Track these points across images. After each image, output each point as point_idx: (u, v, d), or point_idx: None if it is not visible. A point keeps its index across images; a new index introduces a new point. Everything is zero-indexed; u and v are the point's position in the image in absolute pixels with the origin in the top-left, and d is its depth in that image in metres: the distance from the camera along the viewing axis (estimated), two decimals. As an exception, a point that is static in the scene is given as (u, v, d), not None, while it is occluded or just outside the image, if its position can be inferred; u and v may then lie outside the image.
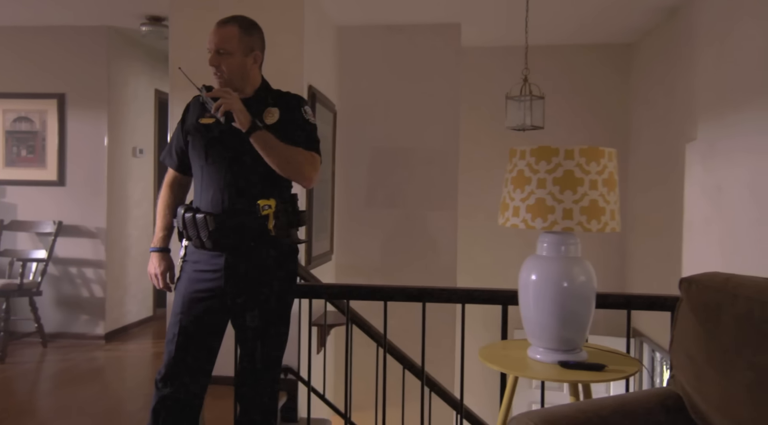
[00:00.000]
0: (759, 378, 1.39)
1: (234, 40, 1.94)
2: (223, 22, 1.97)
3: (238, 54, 1.95)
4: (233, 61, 1.94)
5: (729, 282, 1.54)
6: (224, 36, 1.93)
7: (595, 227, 1.71)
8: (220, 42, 1.93)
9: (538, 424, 1.38)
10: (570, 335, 1.81)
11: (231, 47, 1.93)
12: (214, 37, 1.94)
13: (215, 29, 1.96)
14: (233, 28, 1.95)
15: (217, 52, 1.93)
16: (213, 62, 1.94)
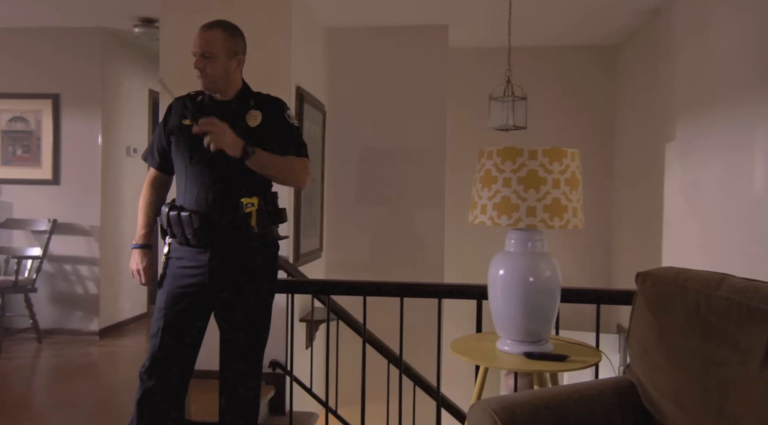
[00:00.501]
0: (704, 367, 1.47)
1: (219, 44, 2.00)
2: (208, 26, 2.03)
3: (223, 58, 2.01)
4: (218, 64, 2.00)
5: (680, 276, 1.62)
6: (209, 40, 2.00)
7: (557, 224, 1.79)
8: (205, 46, 1.99)
9: (495, 409, 1.46)
10: (536, 327, 1.89)
11: (216, 51, 1.99)
12: (200, 41, 2.00)
13: (200, 33, 2.01)
14: (218, 32, 2.01)
15: (202, 55, 1.98)
16: (198, 65, 1.99)
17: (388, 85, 4.49)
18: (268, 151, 2.02)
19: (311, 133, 4.02)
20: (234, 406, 2.14)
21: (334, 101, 4.52)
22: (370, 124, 4.52)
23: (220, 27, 2.04)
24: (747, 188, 2.67)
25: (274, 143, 2.04)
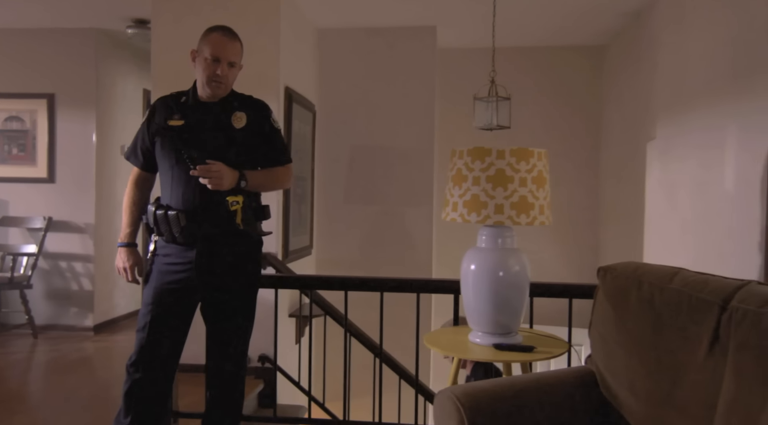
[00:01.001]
0: (656, 355, 1.55)
1: (239, 54, 2.13)
2: (229, 35, 2.10)
3: (238, 66, 2.14)
4: (236, 73, 2.13)
5: (638, 270, 1.70)
6: (235, 50, 2.10)
7: (524, 221, 1.88)
8: (232, 55, 2.07)
9: (458, 396, 1.54)
10: (505, 320, 1.98)
11: (238, 61, 2.12)
12: (226, 50, 2.06)
13: (227, 40, 2.07)
14: (238, 43, 2.12)
15: (229, 64, 2.07)
16: (223, 72, 2.05)
17: (378, 85, 4.57)
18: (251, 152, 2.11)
19: (301, 132, 4.10)
20: (219, 398, 2.22)
21: (324, 101, 4.60)
22: (360, 123, 4.60)
23: (237, 37, 2.13)
24: (719, 185, 2.75)
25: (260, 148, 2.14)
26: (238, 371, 2.23)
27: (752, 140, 2.41)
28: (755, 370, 1.33)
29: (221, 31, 2.09)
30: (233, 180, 2.02)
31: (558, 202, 5.04)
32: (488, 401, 1.55)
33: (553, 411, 1.61)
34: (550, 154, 5.10)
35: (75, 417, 2.98)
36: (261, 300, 2.57)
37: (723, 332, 1.44)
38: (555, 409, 1.62)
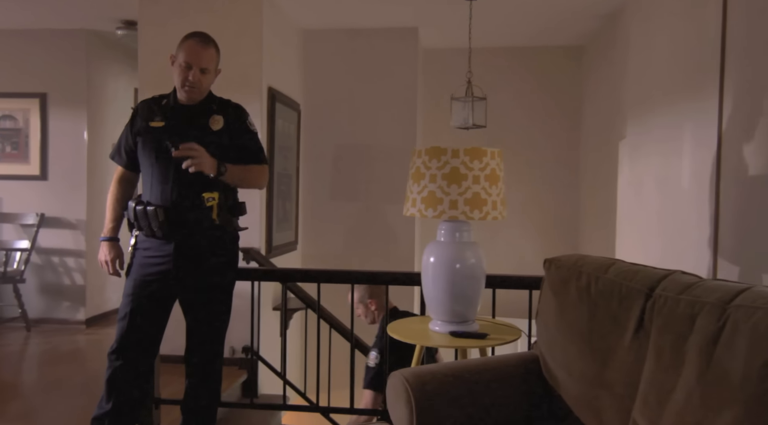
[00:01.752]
0: (590, 340, 1.68)
1: (213, 60, 2.22)
2: (203, 42, 2.19)
3: (213, 73, 2.24)
4: (210, 78, 2.23)
5: (578, 262, 1.83)
6: (208, 57, 2.19)
7: (477, 216, 2.00)
8: (205, 62, 2.17)
9: (407, 377, 1.67)
10: (462, 309, 2.11)
11: (211, 67, 2.21)
12: (199, 57, 2.16)
13: (200, 48, 2.17)
14: (212, 49, 2.22)
15: (201, 70, 2.17)
16: (196, 78, 2.16)
17: (362, 85, 4.69)
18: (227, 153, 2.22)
19: (285, 131, 4.23)
20: (197, 385, 2.34)
21: (309, 100, 4.72)
22: (345, 122, 4.72)
23: (212, 44, 2.23)
24: (676, 184, 2.87)
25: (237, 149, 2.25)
26: (214, 360, 2.35)
27: (704, 139, 2.54)
28: (671, 352, 1.46)
29: (196, 38, 2.19)
30: (213, 165, 2.11)
31: (540, 199, 5.19)
32: (435, 382, 1.67)
33: (497, 391, 1.74)
34: (532, 151, 5.28)
35: (66, 404, 3.12)
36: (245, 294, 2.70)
37: (647, 317, 1.57)
38: (499, 389, 1.75)
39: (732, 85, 2.32)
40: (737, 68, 2.29)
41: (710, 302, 1.42)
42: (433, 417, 1.63)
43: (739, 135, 2.26)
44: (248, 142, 2.29)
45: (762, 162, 2.10)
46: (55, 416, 2.96)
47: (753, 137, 2.16)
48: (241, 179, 2.25)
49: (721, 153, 2.39)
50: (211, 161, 2.12)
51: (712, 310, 1.40)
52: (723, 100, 2.38)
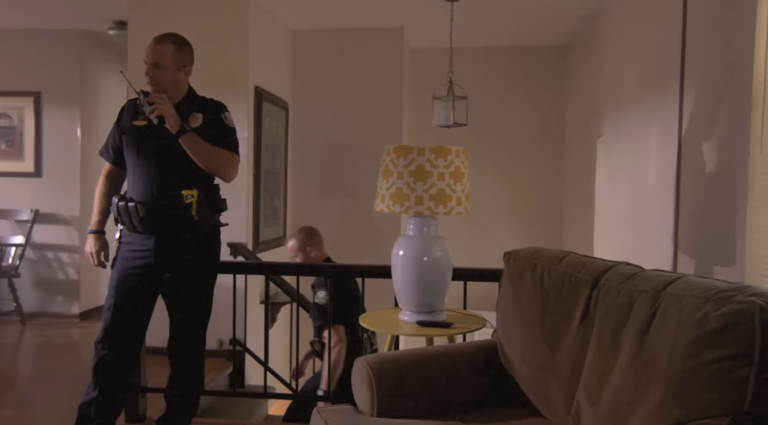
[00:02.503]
0: (542, 327, 1.79)
1: (168, 56, 2.28)
2: (160, 39, 2.29)
3: (172, 68, 2.30)
4: (167, 74, 2.29)
5: (535, 254, 1.94)
6: (160, 52, 2.27)
7: (441, 211, 2.11)
8: (156, 57, 2.26)
9: (369, 362, 1.78)
10: (429, 300, 2.21)
11: (166, 62, 2.27)
12: (151, 53, 2.26)
13: (152, 45, 2.28)
14: (168, 45, 2.29)
15: (153, 65, 2.26)
16: (149, 73, 2.26)
17: (349, 84, 4.79)
18: None
19: (273, 129, 4.33)
20: (179, 374, 2.44)
21: (298, 99, 4.82)
22: (332, 120, 4.82)
23: (171, 40, 2.31)
24: (644, 180, 2.98)
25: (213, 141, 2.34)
26: (195, 351, 2.43)
27: (668, 137, 2.64)
28: (610, 337, 1.57)
29: (155, 38, 2.29)
30: (176, 119, 2.19)
31: (526, 195, 5.30)
32: (395, 366, 1.78)
33: (455, 375, 1.85)
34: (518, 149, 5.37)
35: (59, 394, 3.23)
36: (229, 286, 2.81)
37: (592, 306, 1.67)
38: (458, 374, 1.85)
39: (691, 84, 2.42)
40: (695, 68, 2.39)
41: (645, 290, 1.53)
42: (393, 399, 1.73)
43: (697, 133, 2.36)
44: (223, 134, 2.35)
45: (716, 160, 2.20)
46: (47, 404, 3.08)
47: (710, 135, 2.26)
48: (205, 154, 2.24)
49: (681, 151, 2.50)
50: (175, 114, 2.19)
51: (647, 298, 1.51)
52: (683, 99, 2.49)
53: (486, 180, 5.23)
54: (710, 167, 2.25)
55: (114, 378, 2.37)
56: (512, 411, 1.79)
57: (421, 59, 5.24)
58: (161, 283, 2.37)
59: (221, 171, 2.33)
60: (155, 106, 2.18)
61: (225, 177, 2.36)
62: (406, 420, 1.66)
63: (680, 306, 1.41)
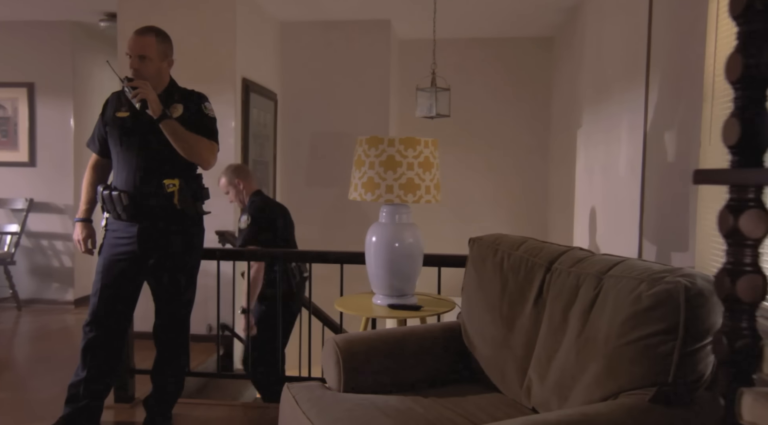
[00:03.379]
0: (500, 309, 1.89)
1: (152, 47, 2.36)
2: (142, 32, 2.37)
3: (156, 60, 2.38)
4: (152, 65, 2.37)
5: (497, 240, 2.04)
6: (144, 44, 2.35)
7: (411, 199, 2.21)
8: (140, 49, 2.34)
9: (337, 341, 1.88)
10: (400, 284, 2.32)
11: (150, 54, 2.35)
12: (135, 45, 2.34)
13: (135, 38, 2.36)
14: (151, 37, 2.37)
15: (139, 57, 2.35)
16: (134, 65, 2.34)
17: (337, 75, 4.87)
18: None
19: (261, 120, 4.41)
20: (164, 357, 2.55)
21: (286, 90, 4.90)
22: (321, 111, 4.91)
23: (153, 33, 2.39)
24: (615, 171, 3.07)
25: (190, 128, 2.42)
26: (179, 334, 2.53)
27: (636, 129, 2.73)
28: (559, 317, 1.67)
29: (137, 31, 2.37)
30: (158, 104, 2.27)
31: (512, 186, 5.39)
32: (363, 345, 1.89)
33: (420, 353, 1.95)
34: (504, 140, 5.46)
35: (53, 376, 3.34)
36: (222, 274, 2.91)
37: (545, 288, 1.78)
38: (422, 352, 1.96)
39: (655, 78, 2.51)
40: (658, 62, 2.48)
41: (591, 273, 1.63)
42: (359, 376, 1.84)
43: (660, 125, 2.46)
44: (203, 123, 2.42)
45: (675, 150, 2.30)
46: (42, 386, 3.20)
47: (670, 126, 2.35)
48: (184, 140, 2.31)
49: (646, 142, 2.59)
50: (157, 99, 2.28)
51: (592, 280, 1.62)
52: (648, 91, 2.58)
53: (473, 171, 5.33)
54: (670, 157, 2.35)
55: (101, 359, 2.47)
56: (472, 387, 1.90)
57: (408, 51, 5.32)
58: (146, 268, 2.46)
59: (200, 158, 2.40)
60: (139, 90, 2.26)
61: (203, 164, 2.43)
62: (370, 395, 1.77)
63: (618, 287, 1.52)
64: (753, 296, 0.62)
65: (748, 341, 0.62)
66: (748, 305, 0.62)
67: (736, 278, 0.62)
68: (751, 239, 0.61)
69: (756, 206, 0.60)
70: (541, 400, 1.65)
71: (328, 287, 3.28)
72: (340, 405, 1.66)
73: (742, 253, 0.62)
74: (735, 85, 0.67)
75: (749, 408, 0.60)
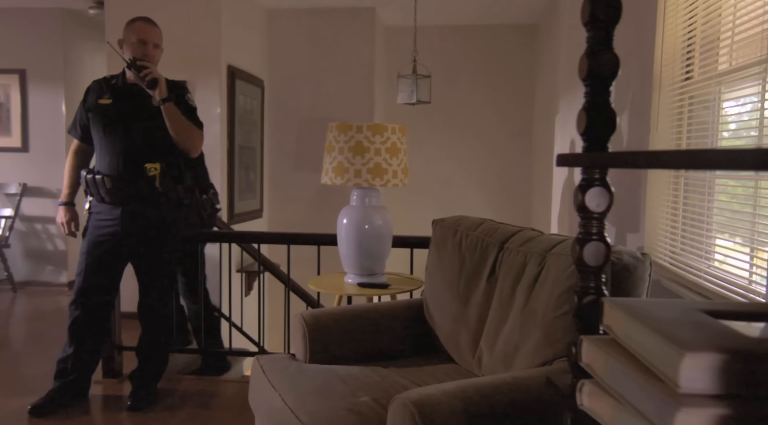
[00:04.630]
0: (458, 285, 2.02)
1: (161, 37, 2.55)
2: (149, 21, 2.52)
3: (161, 48, 2.55)
4: (159, 53, 2.54)
5: (457, 221, 2.16)
6: (156, 33, 2.52)
7: (378, 183, 2.32)
8: (155, 38, 2.50)
9: (305, 316, 2.01)
10: (369, 264, 2.44)
11: (160, 43, 2.53)
12: (150, 34, 2.48)
13: (148, 27, 2.50)
14: (157, 28, 2.55)
15: (154, 45, 2.49)
16: (149, 52, 2.47)
17: (324, 62, 4.95)
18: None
19: (247, 106, 4.51)
20: (148, 335, 2.68)
21: (274, 77, 4.98)
22: (307, 98, 5.00)
23: (154, 23, 2.54)
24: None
25: None
26: (162, 312, 2.66)
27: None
28: (508, 292, 1.80)
29: (144, 20, 2.51)
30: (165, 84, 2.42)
31: (496, 172, 5.49)
32: (329, 320, 2.02)
33: (384, 328, 2.08)
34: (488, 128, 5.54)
35: (46, 353, 3.47)
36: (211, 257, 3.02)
37: (498, 266, 1.90)
38: (386, 327, 2.09)
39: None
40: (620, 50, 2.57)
41: (537, 251, 1.75)
42: (325, 348, 1.97)
43: (619, 112, 2.56)
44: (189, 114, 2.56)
45: (630, 137, 2.40)
46: (35, 362, 3.34)
47: (627, 113, 2.46)
48: (182, 125, 2.47)
49: (609, 128, 2.70)
50: (165, 82, 2.42)
51: (537, 258, 1.74)
52: (612, 81, 2.67)
53: (457, 157, 5.43)
54: (625, 143, 2.45)
55: (87, 336, 2.60)
56: (431, 358, 2.03)
57: (393, 38, 5.39)
58: (129, 249, 2.58)
59: (191, 144, 2.54)
60: (149, 70, 2.39)
61: (192, 150, 2.56)
62: (333, 366, 1.90)
63: (557, 264, 1.64)
64: (597, 261, 0.73)
65: (593, 298, 0.73)
66: (594, 268, 0.73)
67: (584, 246, 0.74)
68: (596, 212, 0.72)
69: (600, 185, 0.71)
70: (490, 369, 1.78)
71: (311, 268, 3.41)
72: (303, 374, 1.79)
73: (590, 224, 0.73)
74: (584, 82, 0.78)
75: (586, 351, 0.71)
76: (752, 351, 0.49)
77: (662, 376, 0.53)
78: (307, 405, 1.60)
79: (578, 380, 0.72)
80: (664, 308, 0.63)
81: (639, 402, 0.55)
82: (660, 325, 0.56)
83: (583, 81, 0.78)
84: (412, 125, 5.26)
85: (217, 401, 2.72)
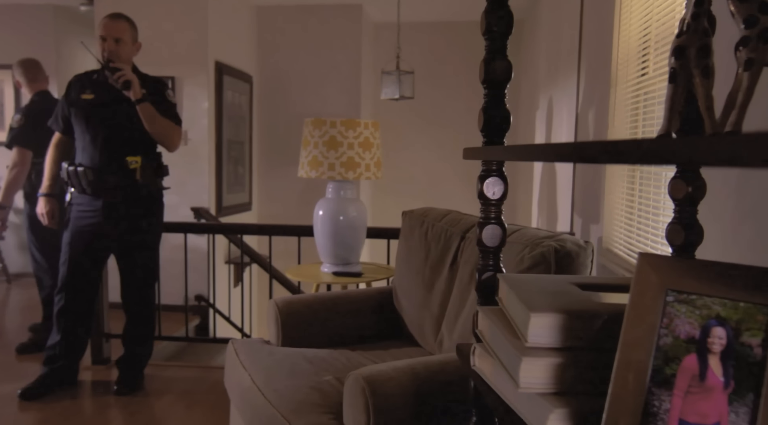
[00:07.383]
0: (423, 274, 2.12)
1: (126, 31, 2.56)
2: (115, 17, 2.56)
3: (129, 43, 2.59)
4: (125, 48, 2.57)
5: (425, 213, 2.26)
6: (120, 28, 2.54)
7: (351, 176, 2.42)
8: (117, 32, 2.53)
9: (278, 302, 2.12)
10: (344, 254, 2.55)
11: (125, 37, 2.55)
12: (111, 28, 2.52)
13: (109, 22, 2.53)
14: (124, 22, 2.57)
15: (115, 40, 2.53)
16: (111, 47, 2.53)
17: (312, 58, 5.04)
18: None
19: (236, 102, 4.60)
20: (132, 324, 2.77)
21: (263, 73, 5.07)
22: (296, 93, 5.09)
23: (124, 18, 2.59)
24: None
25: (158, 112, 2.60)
26: (145, 301, 2.74)
27: (571, 112, 2.94)
28: (467, 279, 1.90)
29: (109, 16, 2.55)
30: (139, 86, 2.46)
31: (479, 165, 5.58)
32: (299, 305, 2.12)
33: (354, 313, 2.19)
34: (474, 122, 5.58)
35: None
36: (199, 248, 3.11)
37: (459, 254, 2.01)
38: (356, 313, 2.19)
39: (584, 64, 2.71)
40: (585, 50, 2.67)
41: (493, 240, 1.86)
42: (297, 333, 2.07)
43: (585, 109, 2.66)
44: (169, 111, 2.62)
45: (593, 131, 2.50)
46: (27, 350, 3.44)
47: (591, 110, 2.56)
48: (159, 123, 2.51)
49: (577, 124, 2.80)
50: (138, 83, 2.46)
51: (492, 246, 1.84)
52: (580, 77, 2.77)
53: (443, 152, 5.52)
54: (590, 137, 2.55)
55: (73, 323, 2.68)
56: (397, 342, 2.14)
57: (380, 34, 5.47)
58: (110, 239, 2.65)
59: (170, 141, 2.60)
60: (123, 72, 2.44)
61: (171, 147, 2.63)
62: (303, 349, 2.01)
63: (511, 251, 1.74)
64: (494, 242, 0.83)
65: (491, 274, 0.83)
66: (492, 248, 0.83)
67: (482, 228, 0.83)
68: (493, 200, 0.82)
69: (496, 175, 0.80)
70: (450, 351, 1.89)
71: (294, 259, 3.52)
72: (273, 356, 1.90)
73: (489, 210, 0.82)
74: (483, 84, 0.88)
75: (480, 320, 0.81)
76: (584, 312, 0.59)
77: (519, 335, 0.63)
78: (274, 383, 1.70)
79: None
80: (541, 282, 0.73)
81: (504, 357, 0.65)
82: (524, 294, 0.66)
83: (482, 84, 0.87)
84: (399, 120, 5.36)
85: (201, 386, 2.83)
